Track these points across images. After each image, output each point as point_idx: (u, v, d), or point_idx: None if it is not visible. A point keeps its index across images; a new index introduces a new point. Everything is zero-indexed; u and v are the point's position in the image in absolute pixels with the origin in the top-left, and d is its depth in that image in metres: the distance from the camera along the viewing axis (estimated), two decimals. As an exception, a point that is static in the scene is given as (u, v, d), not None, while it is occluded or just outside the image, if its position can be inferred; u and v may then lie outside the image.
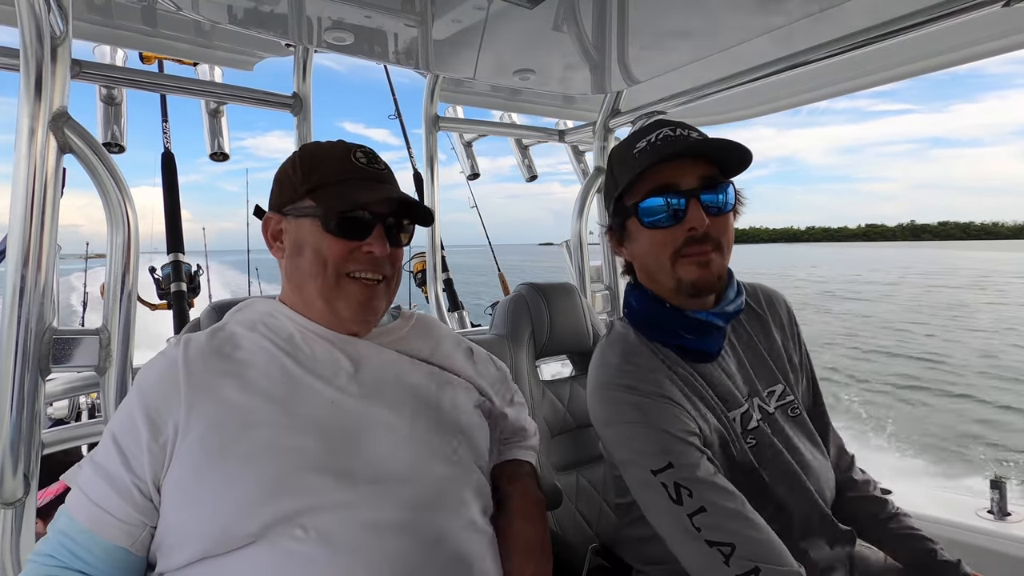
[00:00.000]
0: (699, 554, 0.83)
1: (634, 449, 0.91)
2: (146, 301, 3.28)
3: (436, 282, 2.26)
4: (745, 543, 0.82)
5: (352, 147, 0.94)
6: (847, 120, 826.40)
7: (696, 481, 0.85)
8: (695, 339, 0.99)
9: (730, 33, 1.43)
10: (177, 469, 0.76)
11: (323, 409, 0.83)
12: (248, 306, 0.97)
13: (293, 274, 0.93)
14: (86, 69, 1.39)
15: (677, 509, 0.85)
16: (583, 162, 2.57)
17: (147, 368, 0.86)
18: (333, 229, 0.88)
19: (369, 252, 0.89)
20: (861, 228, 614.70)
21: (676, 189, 0.93)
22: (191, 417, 0.78)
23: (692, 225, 0.92)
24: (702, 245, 0.93)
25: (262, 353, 0.87)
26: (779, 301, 1.15)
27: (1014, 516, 1.66)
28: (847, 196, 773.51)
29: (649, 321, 1.02)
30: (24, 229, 1.14)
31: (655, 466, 0.87)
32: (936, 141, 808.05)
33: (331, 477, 0.77)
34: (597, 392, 0.99)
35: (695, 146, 0.93)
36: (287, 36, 1.45)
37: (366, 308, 0.91)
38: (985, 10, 1.20)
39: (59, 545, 0.77)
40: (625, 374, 0.96)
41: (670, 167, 0.93)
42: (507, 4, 1.23)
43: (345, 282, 0.90)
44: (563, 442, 1.58)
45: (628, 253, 1.05)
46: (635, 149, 0.96)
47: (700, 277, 0.94)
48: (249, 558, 0.73)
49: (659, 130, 0.96)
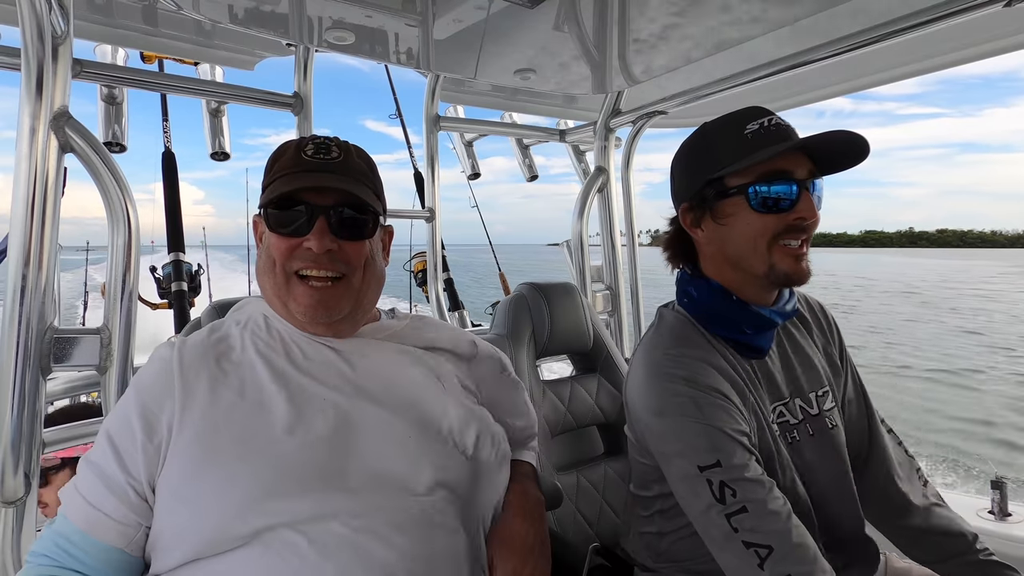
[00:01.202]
0: (735, 555, 0.84)
1: (684, 442, 0.90)
2: (147, 300, 3.29)
3: (436, 282, 2.27)
4: (782, 547, 0.82)
5: (308, 140, 0.90)
6: (875, 123, 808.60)
7: (742, 481, 0.85)
8: (753, 334, 0.99)
9: (730, 33, 1.43)
10: (170, 469, 0.76)
11: (317, 409, 0.82)
12: (243, 305, 0.97)
13: (256, 274, 0.92)
14: (87, 68, 1.39)
15: (719, 507, 0.85)
16: (584, 162, 2.57)
17: (144, 369, 0.86)
18: (274, 225, 0.86)
19: (308, 248, 0.85)
20: (860, 234, 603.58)
21: (791, 177, 0.93)
22: (185, 417, 0.78)
23: (802, 214, 0.92)
24: (799, 235, 0.94)
25: (255, 353, 0.86)
26: (817, 306, 1.16)
27: (1015, 516, 1.66)
28: (873, 201, 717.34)
29: (712, 312, 1.00)
30: (25, 228, 1.14)
31: (704, 462, 0.87)
32: (966, 146, 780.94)
33: (325, 480, 0.77)
34: (651, 380, 0.97)
35: (809, 142, 0.92)
36: (288, 36, 1.45)
37: (318, 309, 0.86)
38: (986, 10, 1.19)
39: (55, 545, 0.76)
40: (683, 366, 0.94)
41: (785, 156, 0.93)
42: (508, 4, 1.23)
43: (294, 282, 0.86)
44: (563, 442, 1.58)
45: (706, 235, 1.01)
46: (745, 131, 0.95)
47: (795, 270, 0.94)
48: (241, 560, 0.72)
49: (766, 117, 0.95)
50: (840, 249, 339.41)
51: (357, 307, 0.91)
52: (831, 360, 1.10)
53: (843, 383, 1.10)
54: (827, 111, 53.97)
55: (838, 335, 1.15)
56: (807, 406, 1.02)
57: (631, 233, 2.30)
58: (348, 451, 0.80)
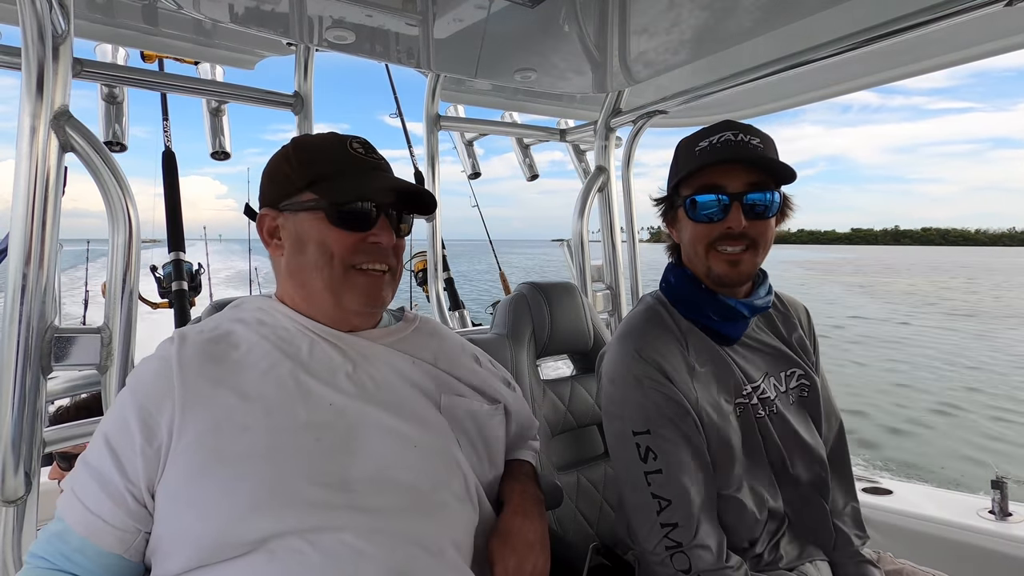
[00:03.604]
0: (641, 500, 1.02)
1: (625, 408, 1.05)
2: (147, 300, 3.29)
3: (437, 281, 2.27)
4: (680, 503, 0.99)
5: (346, 138, 0.92)
6: (903, 118, 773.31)
7: (665, 452, 1.00)
8: (720, 321, 1.09)
9: (730, 33, 1.43)
10: (171, 474, 0.74)
11: (321, 411, 0.81)
12: (244, 303, 0.95)
13: (296, 270, 0.90)
14: (87, 68, 1.40)
15: (641, 464, 1.01)
16: (584, 161, 2.57)
17: (141, 367, 0.83)
18: (338, 221, 0.86)
19: (376, 243, 0.88)
20: (847, 232, 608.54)
21: (723, 190, 1.03)
22: (186, 420, 0.75)
23: (730, 225, 1.03)
24: (736, 242, 1.04)
25: (259, 352, 0.84)
26: (799, 306, 1.26)
27: (1015, 516, 1.66)
28: (898, 198, 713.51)
29: (682, 297, 1.12)
30: (26, 228, 1.14)
31: (637, 429, 1.02)
32: (998, 141, 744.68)
33: (331, 485, 0.75)
34: (611, 351, 1.12)
35: (745, 157, 1.02)
36: (288, 35, 1.45)
37: (373, 299, 0.90)
38: (987, 9, 1.19)
39: (53, 549, 0.75)
40: (637, 339, 1.08)
41: (722, 169, 1.03)
42: (508, 3, 1.23)
43: (352, 274, 0.88)
44: (564, 441, 1.58)
45: (675, 235, 1.15)
46: (698, 147, 1.06)
47: (726, 273, 1.05)
48: (245, 568, 0.70)
49: (723, 133, 1.04)
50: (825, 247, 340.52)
51: (391, 299, 0.95)
52: (807, 350, 1.20)
53: (816, 377, 1.18)
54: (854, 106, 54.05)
55: (814, 333, 1.25)
56: (779, 384, 1.13)
57: (631, 232, 2.30)
58: (353, 456, 0.79)
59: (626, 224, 2.30)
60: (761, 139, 1.04)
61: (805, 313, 1.25)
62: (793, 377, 1.14)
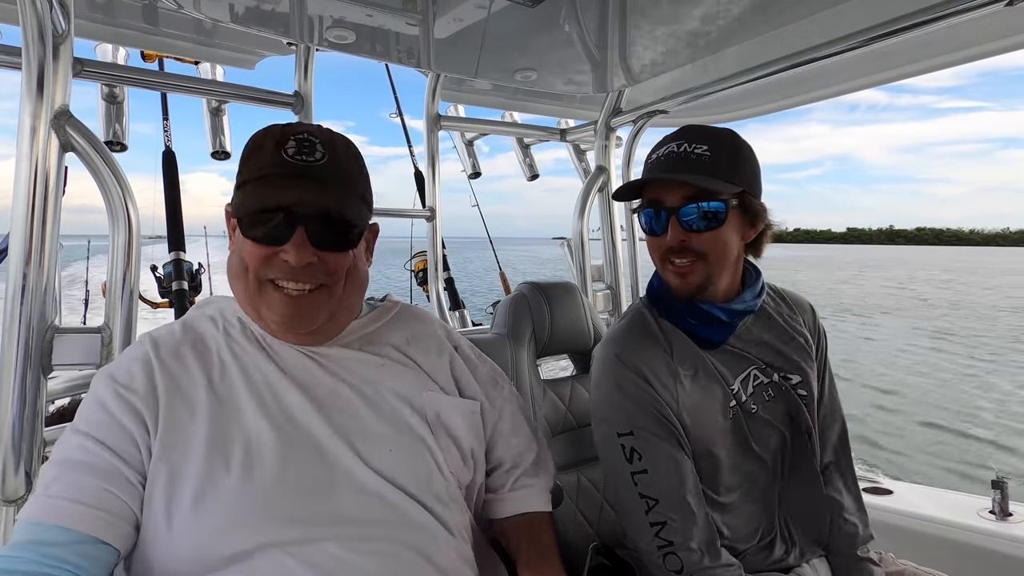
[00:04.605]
0: (630, 501, 1.03)
1: (609, 411, 1.07)
2: (148, 299, 3.29)
3: (437, 281, 2.26)
4: (667, 501, 1.00)
5: (290, 134, 0.80)
6: (911, 117, 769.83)
7: (649, 452, 1.02)
8: (698, 325, 1.09)
9: (731, 33, 1.43)
10: (149, 484, 0.72)
11: (299, 420, 0.79)
12: (210, 302, 0.91)
13: (228, 275, 0.84)
14: (88, 67, 1.39)
15: (627, 466, 1.03)
16: (584, 161, 2.57)
17: (115, 366, 0.80)
18: (248, 232, 0.79)
19: (284, 260, 0.78)
20: (842, 232, 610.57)
21: (662, 205, 1.04)
22: (164, 425, 0.74)
23: (666, 240, 1.04)
24: (682, 256, 1.04)
25: (233, 358, 0.82)
26: (804, 305, 1.25)
27: (1015, 516, 1.66)
28: (906, 198, 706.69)
29: (661, 301, 1.13)
30: (26, 227, 1.14)
31: (621, 430, 1.04)
32: (1008, 141, 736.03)
33: (311, 496, 0.74)
34: (597, 357, 1.14)
35: (680, 170, 1.01)
36: (288, 35, 1.45)
37: (294, 319, 0.81)
38: (988, 9, 1.19)
39: (33, 553, 0.69)
40: (622, 347, 1.09)
41: (660, 184, 1.03)
42: (509, 3, 1.22)
43: (268, 289, 0.80)
44: (564, 441, 1.58)
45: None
46: (650, 159, 1.06)
47: (677, 286, 1.06)
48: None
49: (670, 144, 1.03)
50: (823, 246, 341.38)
51: (335, 316, 0.86)
52: (808, 349, 1.18)
53: (817, 373, 1.19)
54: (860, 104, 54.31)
55: (821, 332, 1.24)
56: (771, 384, 1.12)
57: (632, 232, 2.30)
58: (334, 464, 0.77)
59: (626, 224, 2.30)
60: (711, 146, 1.00)
61: (811, 311, 1.24)
62: (790, 378, 1.14)
